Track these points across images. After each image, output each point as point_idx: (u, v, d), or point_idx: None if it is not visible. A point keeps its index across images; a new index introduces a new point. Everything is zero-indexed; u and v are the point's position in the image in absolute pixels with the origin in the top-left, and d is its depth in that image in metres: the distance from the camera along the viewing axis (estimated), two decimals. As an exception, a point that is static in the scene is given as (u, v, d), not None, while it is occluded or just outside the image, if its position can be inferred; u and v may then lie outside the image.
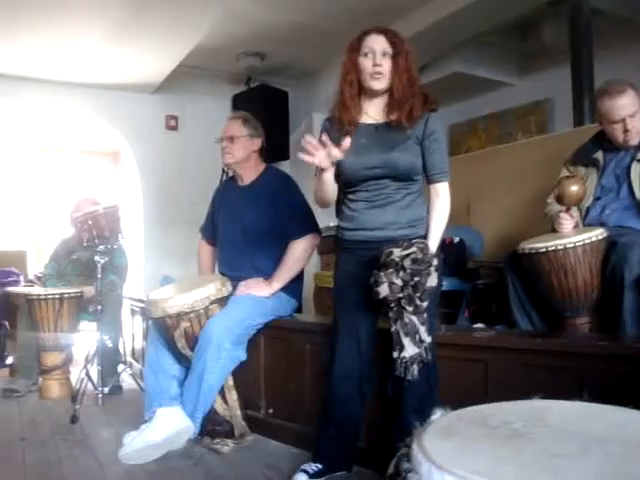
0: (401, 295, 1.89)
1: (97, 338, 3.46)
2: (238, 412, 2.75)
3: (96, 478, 2.37)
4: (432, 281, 1.91)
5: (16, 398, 3.64)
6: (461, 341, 2.26)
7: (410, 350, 1.91)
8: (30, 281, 4.74)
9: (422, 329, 1.92)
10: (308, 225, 2.84)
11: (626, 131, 2.50)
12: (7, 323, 4.44)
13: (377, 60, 2.06)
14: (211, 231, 3.18)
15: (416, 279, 1.88)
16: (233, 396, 2.75)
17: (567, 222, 2.47)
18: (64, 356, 3.78)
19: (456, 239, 3.64)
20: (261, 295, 2.77)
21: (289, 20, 4.82)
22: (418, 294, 1.89)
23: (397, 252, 1.92)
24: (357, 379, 2.17)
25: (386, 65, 2.07)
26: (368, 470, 2.26)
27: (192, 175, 6.04)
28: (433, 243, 2.07)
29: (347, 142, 1.96)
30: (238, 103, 6.02)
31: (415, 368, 1.91)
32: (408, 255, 1.89)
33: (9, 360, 4.36)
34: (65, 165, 6.72)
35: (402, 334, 1.91)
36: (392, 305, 1.92)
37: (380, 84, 2.09)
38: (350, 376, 2.17)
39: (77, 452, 2.63)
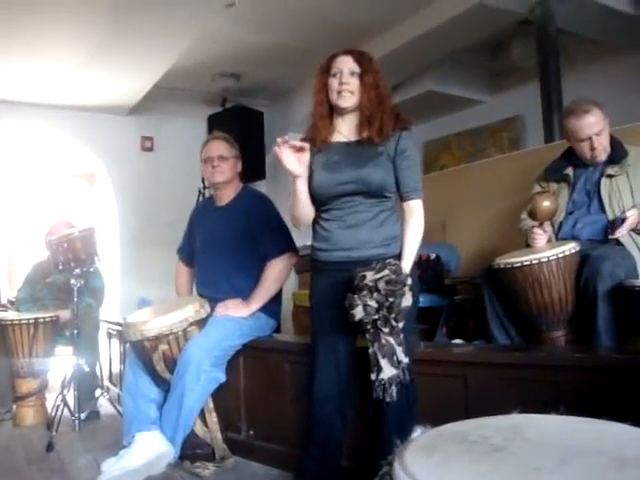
0: (376, 317, 1.88)
1: (74, 362, 3.41)
2: (218, 435, 2.73)
3: (74, 506, 2.33)
4: (407, 301, 1.90)
5: (-11, 426, 3.57)
6: (440, 357, 2.28)
7: (388, 372, 1.90)
8: (3, 306, 4.66)
9: (399, 350, 1.91)
10: (285, 244, 2.85)
11: (593, 149, 2.57)
12: (-20, 349, 4.35)
13: (343, 79, 2.10)
14: (188, 252, 3.17)
15: (390, 300, 1.87)
16: (213, 418, 2.72)
17: (540, 237, 2.52)
18: (39, 382, 3.70)
19: (432, 255, 3.67)
20: (239, 316, 2.75)
21: (264, 40, 4.87)
22: (393, 315, 1.88)
23: (370, 276, 1.91)
24: (337, 400, 2.17)
25: (354, 83, 2.11)
26: (351, 489, 2.25)
27: (168, 196, 6.02)
28: (407, 262, 2.06)
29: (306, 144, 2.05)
30: (214, 124, 6.03)
31: (394, 389, 1.90)
32: (381, 278, 1.89)
33: (-18, 387, 4.26)
34: (39, 187, 6.65)
35: (379, 356, 1.90)
36: (368, 327, 1.91)
37: (347, 102, 2.12)
38: (330, 397, 2.16)
39: (54, 480, 2.58)
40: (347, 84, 2.10)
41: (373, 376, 1.91)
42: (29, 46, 4.33)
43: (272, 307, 2.90)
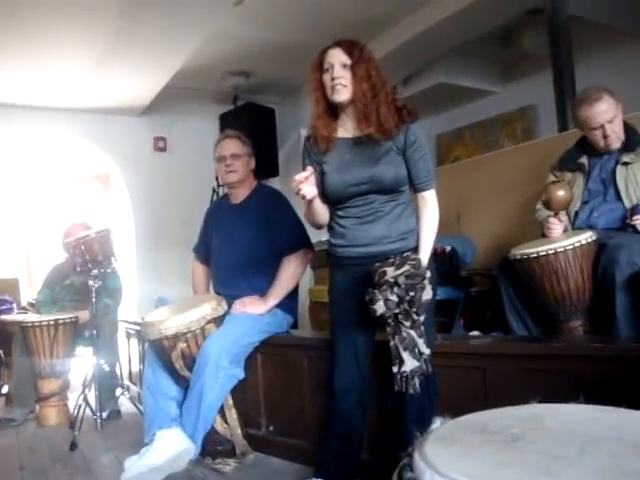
0: (397, 311, 1.89)
1: (94, 363, 3.46)
2: (238, 431, 2.75)
3: (98, 504, 2.36)
4: (427, 294, 1.90)
5: (13, 427, 3.61)
6: (458, 349, 2.27)
7: (410, 364, 1.91)
8: (24, 308, 4.72)
9: (420, 342, 1.92)
10: (300, 240, 2.86)
11: (606, 137, 2.54)
12: (1, 351, 4.42)
13: (334, 73, 2.06)
14: (204, 251, 3.19)
15: (411, 294, 1.88)
16: (233, 415, 2.74)
17: (556, 227, 2.50)
18: (61, 382, 3.75)
19: (448, 248, 3.66)
20: (257, 312, 2.77)
21: (272, 37, 4.87)
22: (414, 309, 1.89)
23: (390, 272, 1.91)
24: (357, 393, 2.17)
25: (346, 76, 2.05)
26: (371, 483, 2.26)
27: (182, 196, 6.05)
28: (425, 254, 2.07)
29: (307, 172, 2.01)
30: (226, 122, 6.05)
31: (416, 381, 1.91)
32: (402, 273, 1.89)
33: (5, 389, 4.33)
34: (55, 190, 6.72)
35: (401, 348, 1.91)
36: (389, 321, 1.92)
37: (341, 95, 2.06)
38: (350, 390, 2.17)
39: (78, 479, 2.61)
40: (339, 78, 2.05)
41: (395, 369, 1.92)
42: (41, 51, 4.37)
43: (289, 303, 2.91)
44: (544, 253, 2.32)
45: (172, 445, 2.57)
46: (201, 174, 5.65)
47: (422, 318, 1.92)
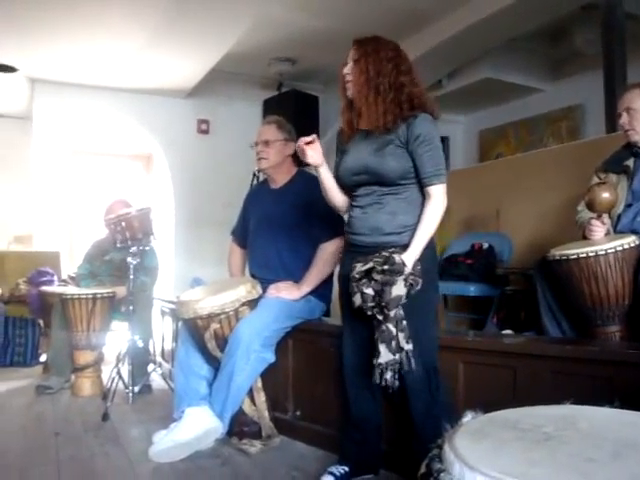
0: (372, 304, 1.95)
1: (128, 338, 3.53)
2: (266, 414, 2.78)
3: (126, 475, 2.42)
4: (398, 290, 1.92)
5: (49, 395, 3.72)
6: (489, 347, 2.25)
7: (385, 357, 1.94)
8: (64, 281, 4.84)
9: (401, 336, 1.95)
10: (337, 228, 2.84)
11: (622, 125, 2.53)
12: (42, 321, 4.55)
13: (343, 71, 2.15)
14: (242, 234, 3.21)
15: (384, 289, 1.93)
16: (261, 397, 2.78)
17: (598, 229, 2.45)
18: (96, 355, 3.85)
19: (485, 245, 3.63)
20: (290, 298, 2.79)
21: (320, 25, 4.86)
22: (384, 303, 1.93)
23: (357, 267, 2.00)
24: (364, 378, 2.16)
25: (354, 72, 2.13)
26: (394, 474, 2.27)
27: (223, 178, 6.11)
28: (412, 250, 2.02)
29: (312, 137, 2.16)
30: (269, 108, 6.07)
31: (389, 374, 1.93)
32: (370, 269, 1.96)
33: (43, 357, 4.47)
34: (98, 168, 6.85)
35: (379, 341, 1.96)
36: (369, 313, 1.98)
37: (349, 91, 2.15)
38: (356, 375, 2.21)
39: (108, 449, 2.69)
40: (347, 74, 2.14)
41: (374, 360, 1.96)
42: (91, 29, 4.45)
43: (323, 290, 2.91)
44: (584, 255, 2.27)
45: (200, 423, 2.62)
46: (243, 158, 5.63)
47: (393, 313, 1.94)
